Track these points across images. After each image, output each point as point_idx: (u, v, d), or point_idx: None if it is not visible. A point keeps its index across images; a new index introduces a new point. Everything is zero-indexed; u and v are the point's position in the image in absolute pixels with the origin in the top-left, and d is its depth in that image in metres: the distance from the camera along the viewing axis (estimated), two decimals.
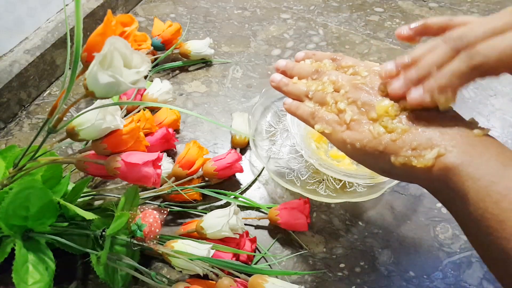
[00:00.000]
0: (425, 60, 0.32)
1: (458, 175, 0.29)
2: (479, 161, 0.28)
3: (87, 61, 0.35)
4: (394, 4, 0.84)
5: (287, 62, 0.43)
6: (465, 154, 0.29)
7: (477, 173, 0.28)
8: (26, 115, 0.63)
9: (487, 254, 0.29)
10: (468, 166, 0.28)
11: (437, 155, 0.30)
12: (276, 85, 0.43)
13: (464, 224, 0.31)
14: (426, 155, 0.30)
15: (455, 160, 0.29)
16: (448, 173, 0.29)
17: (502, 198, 0.27)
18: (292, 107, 0.41)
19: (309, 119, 0.39)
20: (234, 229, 0.44)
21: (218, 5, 0.83)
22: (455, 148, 0.30)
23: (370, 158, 0.34)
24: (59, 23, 0.67)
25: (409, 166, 0.31)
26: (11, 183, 0.41)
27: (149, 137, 0.53)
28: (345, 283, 0.46)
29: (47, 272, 0.40)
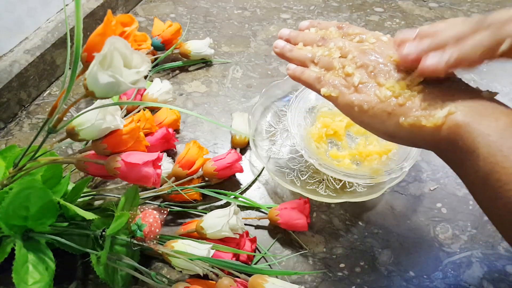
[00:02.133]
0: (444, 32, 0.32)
1: (468, 132, 0.29)
2: (489, 118, 0.29)
3: (87, 61, 0.35)
4: (394, 4, 0.84)
5: (291, 30, 0.42)
6: (475, 112, 0.29)
7: (487, 129, 0.28)
8: (26, 115, 0.63)
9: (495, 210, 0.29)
10: (479, 123, 0.29)
11: (448, 113, 0.30)
12: (280, 51, 0.41)
13: (471, 182, 0.31)
14: (437, 114, 0.30)
15: (465, 118, 0.29)
16: (458, 130, 0.30)
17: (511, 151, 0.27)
18: (297, 72, 0.40)
19: (315, 83, 0.38)
20: (234, 229, 0.44)
21: (218, 5, 0.83)
22: (465, 107, 0.30)
23: (377, 120, 0.34)
24: (59, 23, 0.67)
25: (417, 126, 0.31)
26: (11, 183, 0.41)
27: (149, 137, 0.53)
28: (345, 283, 0.46)
29: (47, 272, 0.40)
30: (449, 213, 0.52)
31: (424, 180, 0.55)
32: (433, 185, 0.55)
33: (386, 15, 0.81)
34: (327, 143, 0.55)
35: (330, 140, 0.56)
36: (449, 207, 0.52)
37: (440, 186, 0.54)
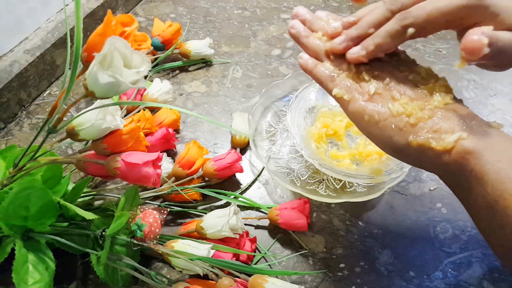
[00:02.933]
0: (364, 20, 0.35)
1: (478, 158, 0.29)
2: (497, 146, 0.30)
3: (87, 61, 0.35)
4: None
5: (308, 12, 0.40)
6: (484, 139, 0.30)
7: (497, 157, 0.29)
8: (26, 115, 0.63)
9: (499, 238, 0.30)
10: (488, 149, 0.29)
11: (458, 139, 0.30)
12: (296, 32, 0.39)
13: (478, 209, 0.31)
14: (447, 138, 0.31)
15: (475, 144, 0.30)
16: (467, 155, 0.30)
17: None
18: (309, 65, 0.38)
19: (327, 81, 0.37)
20: (234, 229, 0.44)
21: (218, 5, 0.83)
22: (475, 134, 0.30)
23: (386, 134, 0.33)
24: (59, 23, 0.67)
25: (426, 147, 0.31)
26: (11, 183, 0.41)
27: (149, 137, 0.53)
28: (345, 283, 0.46)
29: (47, 272, 0.40)
30: (449, 213, 0.52)
31: (424, 180, 0.55)
32: (433, 185, 0.55)
33: None
34: (327, 143, 0.55)
35: (330, 140, 0.56)
36: (449, 207, 0.52)
37: (440, 186, 0.54)
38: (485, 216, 0.30)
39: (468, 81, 0.68)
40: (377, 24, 0.34)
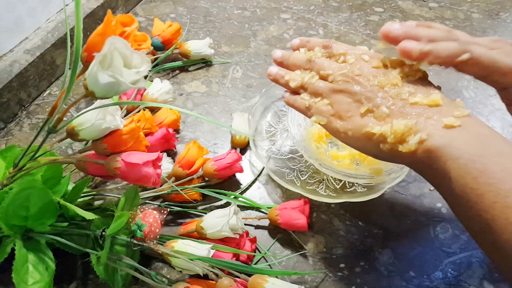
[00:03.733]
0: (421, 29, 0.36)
1: (439, 156, 0.31)
2: (458, 142, 0.31)
3: (87, 61, 0.35)
4: (394, 4, 0.84)
5: (283, 53, 0.45)
6: (445, 136, 0.32)
7: (456, 153, 0.30)
8: (26, 115, 0.63)
9: (471, 226, 0.32)
10: (449, 147, 0.31)
11: (420, 140, 0.32)
12: (273, 78, 0.44)
13: (449, 201, 0.33)
14: (410, 141, 0.33)
15: (435, 143, 0.32)
16: (430, 155, 0.32)
17: (480, 174, 0.29)
18: (290, 100, 0.43)
19: (306, 111, 0.41)
20: (234, 229, 0.44)
21: (218, 5, 0.83)
22: (436, 131, 0.32)
23: (361, 144, 0.37)
24: (59, 23, 0.67)
25: (395, 150, 0.34)
26: (11, 183, 0.41)
27: (149, 137, 0.53)
28: (345, 283, 0.46)
29: (47, 272, 0.40)
30: (449, 213, 0.52)
31: (424, 180, 0.55)
32: None
33: (386, 15, 0.81)
34: (327, 143, 0.55)
35: (330, 140, 0.56)
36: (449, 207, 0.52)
37: None
38: (457, 208, 0.33)
39: (468, 81, 0.68)
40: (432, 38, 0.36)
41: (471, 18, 0.81)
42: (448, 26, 0.78)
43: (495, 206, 0.28)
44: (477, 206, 0.29)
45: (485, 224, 0.29)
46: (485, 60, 0.35)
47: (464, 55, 0.34)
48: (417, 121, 0.33)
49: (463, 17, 0.81)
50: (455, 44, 0.35)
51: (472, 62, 0.35)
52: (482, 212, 0.29)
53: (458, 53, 0.35)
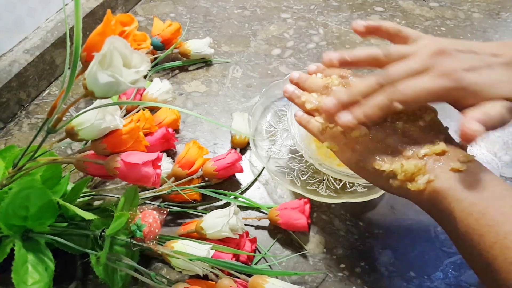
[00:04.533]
0: (355, 87, 0.37)
1: (445, 198, 0.34)
2: (463, 185, 0.33)
3: (86, 61, 0.35)
4: (395, 4, 0.84)
5: (300, 74, 0.45)
6: (451, 179, 0.34)
7: (460, 196, 0.33)
8: (25, 115, 0.63)
9: (473, 264, 0.34)
10: (454, 189, 0.33)
11: (428, 181, 0.34)
12: (289, 96, 0.45)
13: (453, 239, 0.35)
14: (419, 181, 0.35)
15: (442, 184, 0.34)
16: (437, 195, 0.34)
17: (481, 216, 0.31)
18: (303, 121, 0.43)
19: (319, 135, 0.42)
20: (234, 229, 0.44)
21: (218, 4, 0.83)
22: (443, 174, 0.34)
23: (371, 176, 0.39)
24: (58, 23, 0.67)
25: (404, 188, 0.36)
26: (10, 183, 0.41)
27: (148, 137, 0.53)
28: (345, 283, 0.46)
29: (46, 272, 0.40)
30: None
31: None
32: None
33: (387, 15, 0.81)
34: None
35: None
36: None
37: None
38: (460, 245, 0.34)
39: None
40: (366, 93, 0.37)
41: (472, 17, 0.81)
42: (449, 26, 0.78)
43: (495, 246, 0.30)
44: (479, 246, 0.31)
45: (486, 263, 0.31)
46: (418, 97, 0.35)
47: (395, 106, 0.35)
48: (427, 163, 0.35)
49: (464, 17, 0.81)
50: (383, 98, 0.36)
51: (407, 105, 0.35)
52: (483, 251, 0.31)
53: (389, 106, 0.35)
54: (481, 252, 0.31)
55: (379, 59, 0.39)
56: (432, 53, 0.36)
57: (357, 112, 0.37)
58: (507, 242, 0.30)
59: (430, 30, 0.78)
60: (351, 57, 0.40)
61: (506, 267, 0.29)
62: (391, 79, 0.36)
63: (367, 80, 0.37)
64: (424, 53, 0.36)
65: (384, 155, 0.37)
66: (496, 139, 0.60)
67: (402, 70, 0.36)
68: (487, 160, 0.57)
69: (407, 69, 0.36)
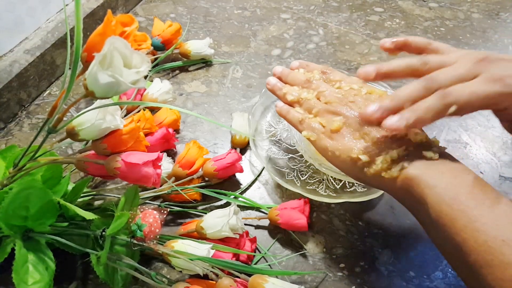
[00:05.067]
0: (401, 93, 0.36)
1: (417, 184, 0.34)
2: (434, 172, 0.34)
3: (87, 61, 0.35)
4: (394, 4, 0.84)
5: (283, 69, 0.48)
6: (423, 167, 0.35)
7: (433, 182, 0.34)
8: (26, 115, 0.63)
9: (444, 249, 0.34)
10: (426, 176, 0.34)
11: (401, 168, 0.36)
12: (271, 88, 0.47)
13: (425, 226, 0.36)
14: (393, 168, 0.36)
15: (414, 171, 0.35)
16: (410, 182, 0.35)
17: (453, 201, 0.32)
18: (283, 111, 0.45)
19: (298, 125, 0.43)
20: (234, 229, 0.44)
21: (218, 5, 0.83)
22: (416, 162, 0.35)
23: (346, 166, 0.39)
24: (59, 23, 0.67)
25: (378, 176, 0.37)
26: (11, 183, 0.41)
27: (149, 137, 0.53)
28: (345, 283, 0.46)
29: (47, 272, 0.40)
30: None
31: None
32: None
33: (386, 15, 0.81)
34: None
35: None
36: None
37: None
38: (432, 231, 0.35)
39: None
40: (413, 99, 0.35)
41: (471, 18, 0.81)
42: (448, 26, 0.79)
43: (465, 229, 0.31)
44: (450, 229, 0.32)
45: (456, 245, 0.32)
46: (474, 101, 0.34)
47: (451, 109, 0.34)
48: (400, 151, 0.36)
49: (463, 17, 0.81)
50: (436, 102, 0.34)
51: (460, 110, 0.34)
52: (454, 235, 0.32)
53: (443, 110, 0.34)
54: (452, 236, 0.32)
55: (418, 69, 0.38)
56: (477, 60, 0.35)
57: (407, 115, 0.35)
58: (477, 225, 0.31)
59: (429, 31, 0.78)
60: (388, 69, 0.39)
61: (476, 248, 0.30)
62: (439, 84, 0.35)
63: (412, 85, 0.36)
64: (469, 60, 0.36)
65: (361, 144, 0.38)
66: (495, 139, 0.60)
67: (450, 75, 0.35)
68: (486, 160, 0.57)
69: (455, 74, 0.35)
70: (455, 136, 0.60)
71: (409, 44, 0.42)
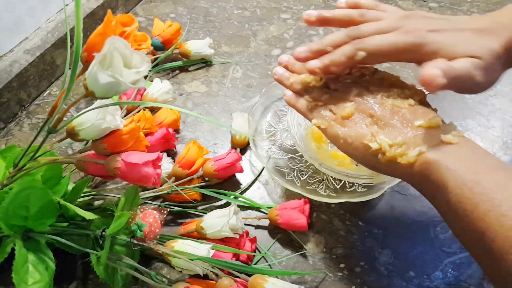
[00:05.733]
0: (325, 38, 0.40)
1: (437, 168, 0.33)
2: (456, 156, 0.33)
3: (87, 61, 0.35)
4: (394, 4, 0.84)
5: (289, 57, 0.46)
6: (444, 151, 0.33)
7: (454, 166, 0.32)
8: (26, 115, 0.63)
9: (465, 236, 0.33)
10: (446, 160, 0.33)
11: (419, 153, 0.34)
12: (278, 78, 0.46)
13: (444, 212, 0.35)
14: (410, 153, 0.34)
15: (434, 156, 0.33)
16: (428, 166, 0.33)
17: (475, 185, 0.31)
18: (292, 100, 0.44)
19: (307, 113, 0.42)
20: (234, 229, 0.44)
21: (218, 5, 0.83)
22: (435, 146, 0.34)
23: (359, 153, 0.38)
24: (59, 23, 0.67)
25: (393, 162, 0.35)
26: (11, 183, 0.41)
27: (149, 137, 0.53)
28: (345, 283, 0.46)
29: (47, 272, 0.40)
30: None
31: None
32: None
33: None
34: (327, 143, 0.55)
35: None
36: None
37: None
38: (452, 218, 0.34)
39: None
40: (336, 45, 0.39)
41: None
42: None
43: (489, 214, 0.30)
44: (472, 215, 0.31)
45: (479, 232, 0.31)
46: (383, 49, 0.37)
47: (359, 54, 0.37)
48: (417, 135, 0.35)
49: None
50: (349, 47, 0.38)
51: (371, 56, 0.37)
52: (476, 220, 0.31)
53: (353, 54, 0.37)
54: (474, 221, 0.31)
55: (354, 20, 0.41)
56: (401, 16, 0.39)
57: (325, 59, 0.39)
58: (502, 209, 0.30)
59: None
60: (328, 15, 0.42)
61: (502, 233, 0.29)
62: (360, 33, 0.38)
63: (337, 32, 0.39)
64: (394, 16, 0.39)
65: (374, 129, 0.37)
66: (495, 139, 0.60)
67: (372, 28, 0.38)
68: None
69: (376, 27, 0.38)
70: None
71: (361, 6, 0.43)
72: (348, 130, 0.38)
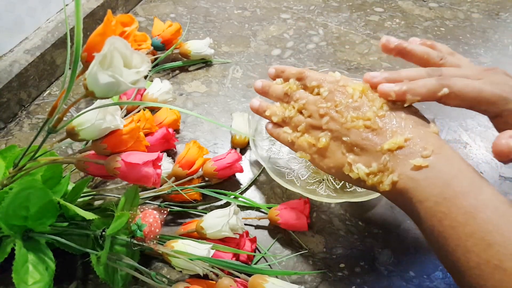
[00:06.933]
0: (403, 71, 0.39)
1: (410, 198, 0.34)
2: (425, 184, 0.33)
3: (87, 61, 0.35)
4: (394, 4, 0.84)
5: (263, 83, 0.47)
6: (413, 178, 0.33)
7: (423, 196, 0.32)
8: (26, 115, 0.63)
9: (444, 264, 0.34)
10: (416, 190, 0.33)
11: (391, 182, 0.35)
12: (256, 111, 0.47)
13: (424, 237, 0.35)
14: (384, 182, 0.36)
15: (405, 185, 0.34)
16: (402, 196, 0.35)
17: (444, 217, 0.31)
18: (274, 134, 0.46)
19: (291, 147, 0.44)
20: (234, 229, 0.44)
21: (218, 5, 0.83)
22: (405, 173, 0.34)
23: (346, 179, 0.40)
24: (59, 23, 0.67)
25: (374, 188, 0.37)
26: (11, 183, 0.41)
27: (149, 137, 0.53)
28: (345, 283, 0.46)
29: (47, 272, 0.40)
30: None
31: None
32: None
33: (386, 15, 0.81)
34: None
35: None
36: None
37: None
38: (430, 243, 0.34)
39: None
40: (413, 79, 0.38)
41: (471, 18, 0.81)
42: (448, 26, 0.79)
43: (457, 249, 0.30)
44: (444, 248, 0.31)
45: (451, 265, 0.31)
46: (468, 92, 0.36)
47: (443, 90, 0.36)
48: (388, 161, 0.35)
49: (463, 17, 0.81)
50: (433, 81, 0.37)
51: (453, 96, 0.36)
52: (448, 254, 0.31)
53: (437, 89, 0.36)
54: (446, 254, 0.31)
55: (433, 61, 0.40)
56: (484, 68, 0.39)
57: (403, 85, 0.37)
58: (468, 245, 0.29)
59: (429, 31, 0.78)
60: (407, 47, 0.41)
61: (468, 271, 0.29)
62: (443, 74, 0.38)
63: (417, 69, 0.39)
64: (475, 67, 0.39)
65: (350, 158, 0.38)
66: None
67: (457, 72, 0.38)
68: (486, 160, 0.58)
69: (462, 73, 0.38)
70: (455, 136, 0.60)
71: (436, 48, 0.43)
72: (328, 161, 0.40)
